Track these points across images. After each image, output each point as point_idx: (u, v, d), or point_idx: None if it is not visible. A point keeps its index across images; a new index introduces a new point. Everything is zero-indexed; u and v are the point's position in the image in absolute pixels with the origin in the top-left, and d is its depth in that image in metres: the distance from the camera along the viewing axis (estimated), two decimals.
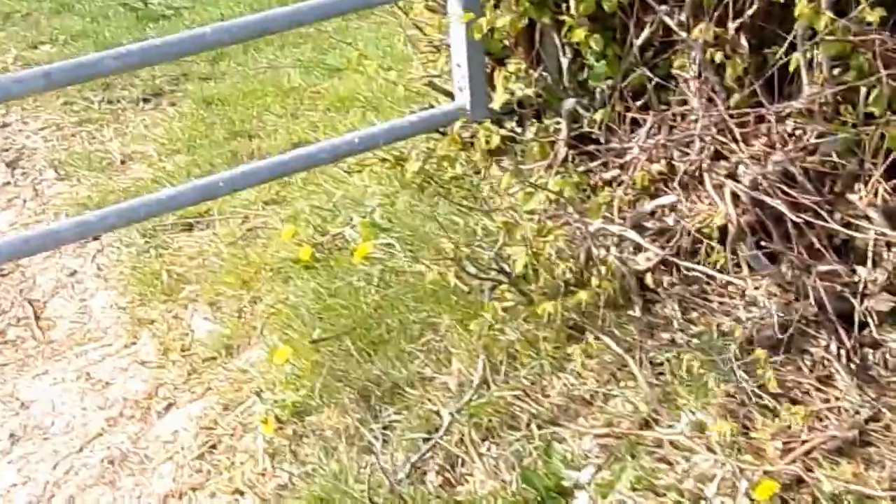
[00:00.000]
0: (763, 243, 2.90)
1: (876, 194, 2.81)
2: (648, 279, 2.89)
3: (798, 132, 2.93)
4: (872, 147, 2.78)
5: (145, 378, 3.38)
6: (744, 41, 2.99)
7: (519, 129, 3.40)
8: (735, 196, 2.89)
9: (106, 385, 3.40)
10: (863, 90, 2.80)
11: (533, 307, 2.86)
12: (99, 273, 3.88)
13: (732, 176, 2.93)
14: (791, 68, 2.93)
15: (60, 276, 3.91)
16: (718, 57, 2.95)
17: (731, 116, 2.94)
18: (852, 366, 2.69)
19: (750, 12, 2.97)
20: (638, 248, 2.99)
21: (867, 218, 2.81)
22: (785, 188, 2.84)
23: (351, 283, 3.29)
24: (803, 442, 2.52)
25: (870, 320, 2.76)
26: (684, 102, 3.11)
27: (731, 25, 2.99)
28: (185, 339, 3.48)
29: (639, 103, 3.19)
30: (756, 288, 2.82)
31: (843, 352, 2.72)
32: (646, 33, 3.16)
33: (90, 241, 4.04)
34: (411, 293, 3.17)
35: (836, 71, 2.85)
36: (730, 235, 2.89)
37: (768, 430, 2.54)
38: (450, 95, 3.39)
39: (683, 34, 3.02)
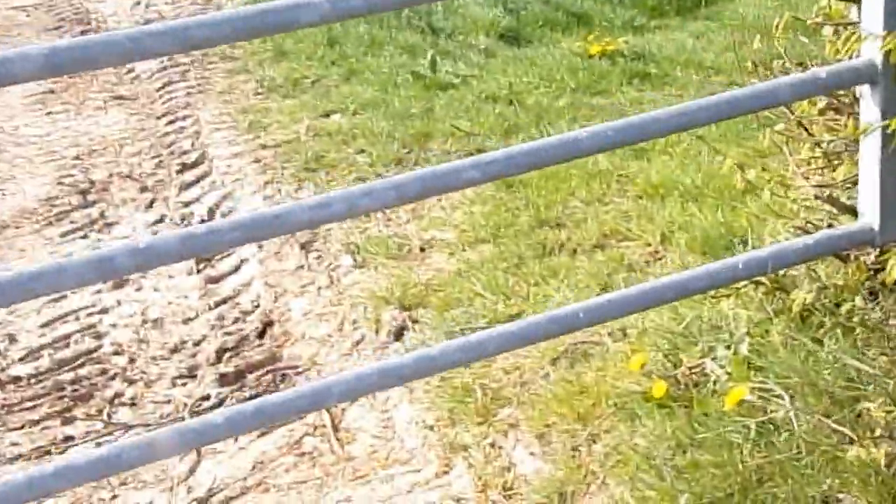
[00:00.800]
0: None
1: None
2: None
3: None
4: None
5: None
6: None
7: None
8: None
9: None
10: None
11: None
12: None
13: None
14: None
15: None
16: None
17: None
18: None
19: None
20: None
21: None
22: None
23: (721, 435, 2.73)
24: None
25: None
26: None
27: None
28: (507, 474, 3.00)
29: None
30: None
31: None
32: None
33: (393, 342, 3.67)
34: (804, 457, 2.59)
35: None
36: None
37: None
38: (851, 212, 2.80)
39: None
